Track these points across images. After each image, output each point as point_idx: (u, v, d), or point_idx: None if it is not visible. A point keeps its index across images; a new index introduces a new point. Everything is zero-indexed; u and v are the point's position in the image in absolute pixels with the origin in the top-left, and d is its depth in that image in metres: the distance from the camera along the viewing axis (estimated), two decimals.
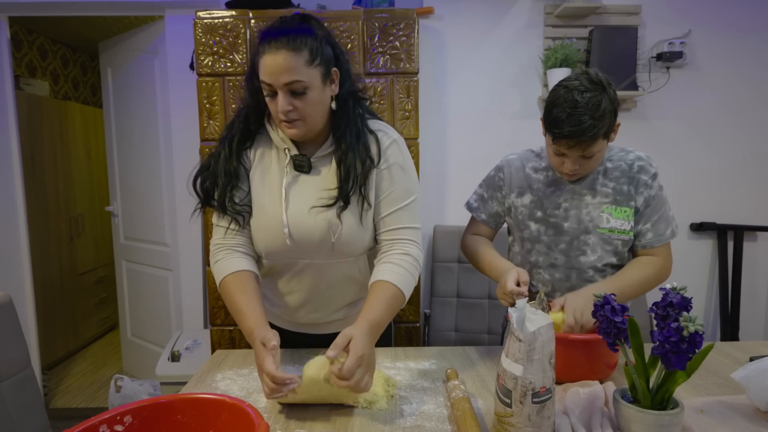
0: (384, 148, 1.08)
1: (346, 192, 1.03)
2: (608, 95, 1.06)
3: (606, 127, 1.06)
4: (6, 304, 1.08)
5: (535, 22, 2.33)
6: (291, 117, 0.99)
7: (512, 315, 0.77)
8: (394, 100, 1.95)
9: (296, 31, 0.97)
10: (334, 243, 1.06)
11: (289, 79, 0.95)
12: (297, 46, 0.95)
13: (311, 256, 1.10)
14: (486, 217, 1.34)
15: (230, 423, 0.67)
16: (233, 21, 1.90)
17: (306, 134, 1.04)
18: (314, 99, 0.99)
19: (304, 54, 0.96)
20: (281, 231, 1.05)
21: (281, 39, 0.95)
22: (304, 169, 1.07)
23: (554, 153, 1.14)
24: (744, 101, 2.40)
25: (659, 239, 1.19)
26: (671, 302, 0.72)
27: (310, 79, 0.97)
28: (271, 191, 1.08)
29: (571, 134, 1.05)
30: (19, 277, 2.64)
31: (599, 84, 1.06)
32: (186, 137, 2.38)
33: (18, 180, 2.59)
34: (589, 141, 1.06)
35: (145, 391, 2.19)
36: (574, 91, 1.05)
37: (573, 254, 1.22)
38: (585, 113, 1.04)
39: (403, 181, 1.10)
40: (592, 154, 1.10)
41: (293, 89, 0.97)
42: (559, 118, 1.06)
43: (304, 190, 1.07)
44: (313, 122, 1.02)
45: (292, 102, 0.98)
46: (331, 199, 1.04)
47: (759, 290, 2.51)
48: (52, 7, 2.39)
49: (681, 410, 0.73)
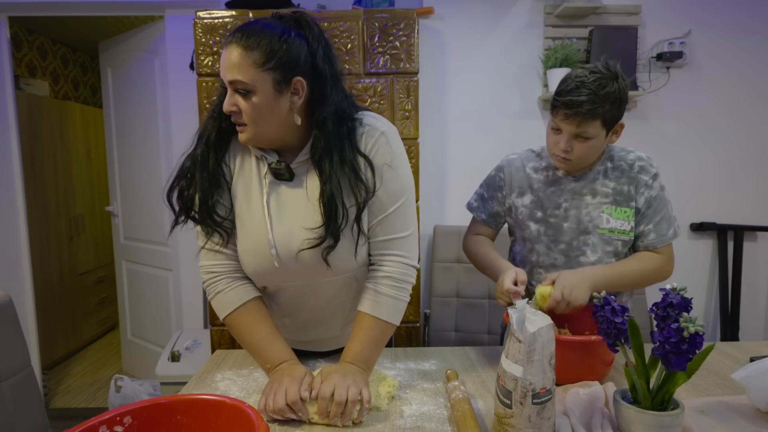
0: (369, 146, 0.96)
1: (335, 230, 0.92)
2: (618, 84, 1.08)
3: (606, 111, 1.07)
4: (6, 304, 1.08)
5: (535, 22, 2.33)
6: (236, 119, 0.92)
7: (512, 316, 0.77)
8: (394, 100, 1.95)
9: (258, 28, 0.89)
10: (329, 262, 0.96)
11: (232, 77, 0.88)
12: (250, 44, 0.87)
13: (303, 277, 1.00)
14: (486, 217, 1.34)
15: (230, 424, 0.67)
16: (233, 21, 1.90)
17: (255, 141, 0.94)
18: (260, 105, 0.89)
19: (255, 54, 0.87)
20: (268, 252, 0.96)
21: (238, 34, 0.89)
22: (284, 176, 0.97)
23: (551, 129, 1.16)
24: (744, 101, 2.40)
25: (661, 240, 1.19)
26: (671, 303, 0.72)
27: (255, 83, 0.88)
28: (254, 207, 0.98)
29: (570, 103, 1.07)
30: (19, 277, 2.64)
31: (612, 72, 1.09)
32: (186, 137, 2.34)
33: (18, 180, 2.59)
34: (585, 116, 1.07)
35: (145, 391, 2.19)
36: (585, 71, 1.09)
37: (573, 254, 1.22)
38: (589, 88, 1.06)
39: (391, 182, 0.97)
40: (587, 136, 1.10)
41: (236, 88, 0.89)
42: (564, 89, 1.10)
43: (288, 203, 0.97)
44: (261, 130, 0.92)
45: (236, 102, 0.90)
46: (317, 239, 0.93)
47: (759, 290, 2.51)
48: (52, 7, 2.39)
49: (681, 411, 0.73)
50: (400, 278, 0.99)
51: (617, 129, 1.15)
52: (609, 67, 1.09)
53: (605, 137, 1.13)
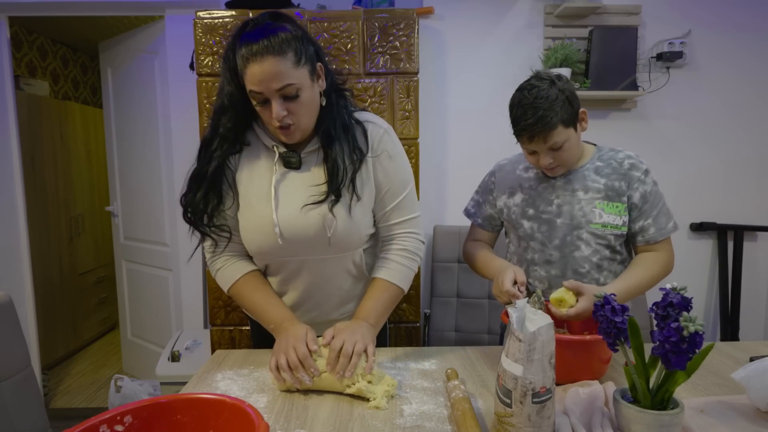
0: (376, 139, 1.08)
1: (336, 186, 1.02)
2: (557, 86, 1.11)
3: (560, 114, 1.10)
4: (6, 304, 1.08)
5: (535, 22, 2.33)
6: (286, 122, 0.97)
7: (512, 315, 0.77)
8: (394, 100, 1.95)
9: (274, 32, 0.93)
10: (330, 238, 1.05)
11: (280, 84, 0.93)
12: (281, 49, 0.92)
13: (305, 253, 1.09)
14: (482, 221, 1.38)
15: (230, 423, 0.67)
16: (233, 21, 1.90)
17: (301, 137, 1.03)
18: (307, 100, 0.98)
19: (290, 55, 0.93)
20: (272, 231, 1.04)
21: (263, 43, 0.91)
22: (293, 165, 1.06)
23: (527, 153, 1.20)
24: (744, 101, 2.40)
25: (662, 233, 1.20)
26: (671, 302, 0.72)
27: (300, 81, 0.95)
28: (260, 190, 1.06)
29: (527, 127, 1.11)
30: (19, 277, 2.64)
31: (547, 79, 1.13)
32: (186, 137, 2.38)
33: (18, 180, 2.59)
34: (546, 130, 1.10)
35: (145, 391, 2.19)
36: (523, 90, 1.13)
37: (567, 250, 1.23)
38: (535, 105, 1.10)
39: (399, 173, 1.10)
40: (558, 145, 1.13)
41: (286, 94, 0.95)
42: (516, 117, 1.14)
43: (293, 187, 1.06)
44: (306, 123, 1.01)
45: (287, 107, 0.96)
46: (321, 194, 1.03)
47: (759, 290, 2.51)
48: (52, 7, 2.39)
49: (681, 410, 0.73)
50: (413, 250, 1.13)
51: (581, 118, 1.18)
52: (541, 76, 1.14)
53: (575, 132, 1.16)
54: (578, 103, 1.15)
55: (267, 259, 1.11)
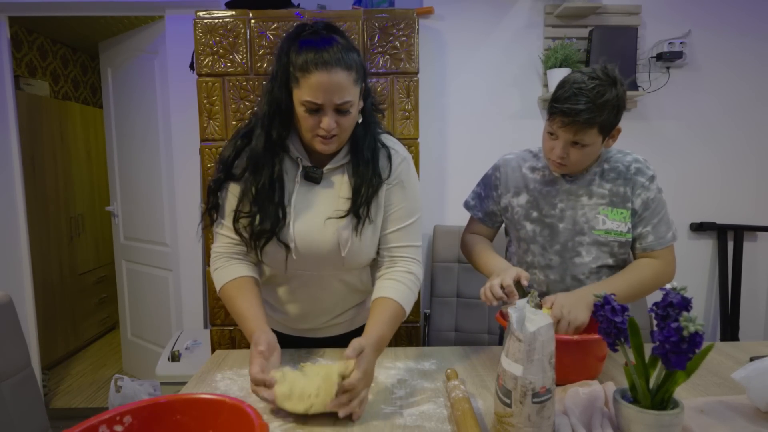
0: (395, 165, 1.08)
1: (357, 205, 1.02)
2: (616, 90, 1.07)
3: (603, 119, 1.06)
4: (6, 304, 1.08)
5: (535, 22, 2.33)
6: (332, 134, 0.96)
7: (512, 315, 0.77)
8: (394, 100, 1.95)
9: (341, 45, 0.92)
10: (345, 257, 1.05)
11: (342, 99, 0.92)
12: (349, 64, 0.91)
13: (317, 268, 1.09)
14: (483, 215, 1.35)
15: (230, 423, 0.67)
16: (233, 21, 1.90)
17: (336, 149, 1.02)
18: (353, 116, 0.98)
19: (353, 72, 0.92)
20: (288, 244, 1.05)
21: (334, 54, 0.89)
22: (314, 180, 1.05)
23: (548, 134, 1.14)
24: (744, 101, 2.40)
25: (660, 242, 1.18)
26: (671, 302, 0.72)
27: (354, 98, 0.95)
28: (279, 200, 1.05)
29: (568, 111, 1.06)
30: (19, 277, 2.64)
31: (611, 78, 1.07)
32: (186, 137, 2.38)
33: (18, 180, 2.59)
34: (582, 125, 1.06)
35: (145, 391, 2.19)
36: (584, 76, 1.07)
37: (568, 255, 1.21)
38: (587, 96, 1.04)
39: (410, 200, 1.10)
40: (583, 144, 1.09)
41: (341, 108, 0.93)
42: (561, 95, 1.08)
43: (313, 202, 1.05)
44: (345, 138, 1.01)
45: (338, 120, 0.95)
46: (341, 212, 1.03)
47: (759, 290, 2.51)
48: (52, 7, 2.39)
49: (681, 410, 0.73)
50: (417, 275, 1.10)
51: (614, 134, 1.14)
52: (608, 72, 1.08)
53: (602, 143, 1.12)
54: (621, 117, 1.11)
55: (279, 267, 1.11)
